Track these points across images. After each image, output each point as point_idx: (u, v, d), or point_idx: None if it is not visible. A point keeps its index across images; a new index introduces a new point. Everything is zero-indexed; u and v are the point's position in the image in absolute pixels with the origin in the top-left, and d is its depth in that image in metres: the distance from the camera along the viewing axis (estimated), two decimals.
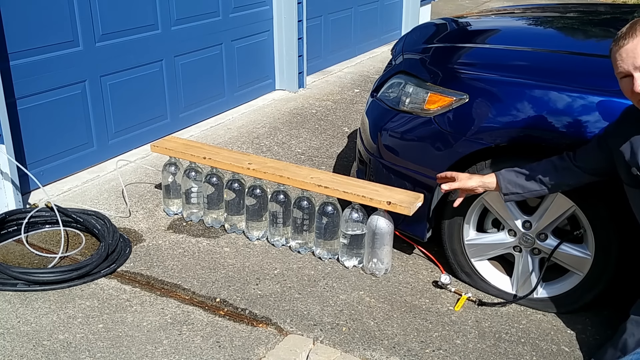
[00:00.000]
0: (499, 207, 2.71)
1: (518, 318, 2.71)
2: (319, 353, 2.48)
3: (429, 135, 2.81)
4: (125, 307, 2.73)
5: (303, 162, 4.30)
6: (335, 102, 5.65)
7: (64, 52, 3.80)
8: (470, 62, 3.03)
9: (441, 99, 2.79)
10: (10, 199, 3.41)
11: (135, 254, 3.15)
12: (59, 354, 2.43)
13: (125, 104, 4.29)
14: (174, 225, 3.46)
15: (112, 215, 3.51)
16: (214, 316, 2.68)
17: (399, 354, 2.48)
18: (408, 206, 2.80)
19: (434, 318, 2.71)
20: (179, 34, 4.64)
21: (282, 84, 5.92)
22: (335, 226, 3.06)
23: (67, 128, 3.92)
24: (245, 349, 2.48)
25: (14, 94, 3.54)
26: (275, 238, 3.24)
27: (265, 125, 5.02)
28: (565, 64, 2.89)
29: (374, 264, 2.99)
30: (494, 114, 2.62)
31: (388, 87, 3.15)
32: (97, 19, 3.96)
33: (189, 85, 4.81)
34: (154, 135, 4.39)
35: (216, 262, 3.10)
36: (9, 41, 3.47)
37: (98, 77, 4.06)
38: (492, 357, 2.48)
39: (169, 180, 3.48)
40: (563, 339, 2.59)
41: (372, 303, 2.81)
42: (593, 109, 2.44)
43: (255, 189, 3.22)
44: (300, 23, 5.71)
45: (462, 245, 2.86)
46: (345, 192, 2.96)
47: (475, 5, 11.04)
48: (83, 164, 4.08)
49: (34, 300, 2.75)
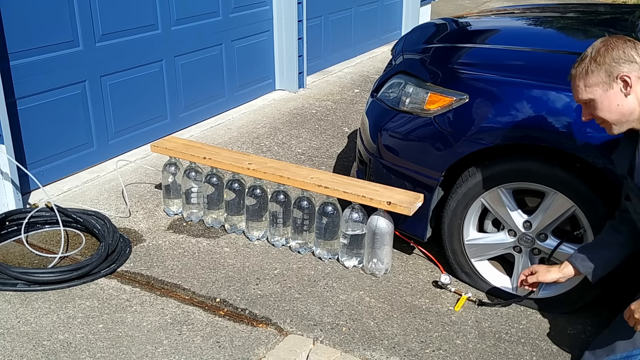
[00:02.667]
0: (499, 207, 2.71)
1: (518, 318, 2.71)
2: (319, 353, 2.48)
3: (429, 135, 2.81)
4: (125, 307, 2.73)
5: (303, 162, 4.30)
6: (335, 102, 5.65)
7: (64, 52, 3.80)
8: (470, 62, 3.03)
9: (441, 99, 2.79)
10: (10, 199, 3.41)
11: (135, 254, 3.15)
12: (59, 354, 2.43)
13: (125, 104, 4.29)
14: (174, 225, 3.46)
15: (112, 215, 3.51)
16: (214, 316, 2.69)
17: (399, 354, 2.48)
18: (408, 206, 2.80)
19: (434, 318, 2.71)
20: (179, 34, 4.64)
21: (282, 84, 5.92)
22: (335, 226, 3.06)
23: (67, 128, 3.92)
24: (245, 349, 2.48)
25: (14, 94, 3.54)
26: (275, 238, 3.24)
27: (265, 125, 5.02)
28: (565, 64, 2.88)
29: (374, 264, 2.99)
30: (493, 114, 2.62)
31: (388, 87, 3.15)
32: (97, 19, 3.96)
33: (189, 85, 4.81)
34: (154, 135, 4.38)
35: (216, 262, 3.10)
36: (9, 41, 3.47)
37: (98, 77, 4.06)
38: (492, 357, 2.48)
39: (169, 180, 3.48)
40: (563, 339, 2.59)
41: (372, 303, 2.81)
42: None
43: (255, 189, 3.22)
44: (300, 23, 5.71)
45: (462, 245, 2.86)
46: (345, 192, 2.96)
47: (475, 5, 11.04)
48: (83, 164, 4.08)
49: (34, 300, 2.75)
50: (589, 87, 2.07)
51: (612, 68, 2.03)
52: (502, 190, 2.67)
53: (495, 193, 2.68)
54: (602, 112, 2.09)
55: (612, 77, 2.03)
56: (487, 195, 2.71)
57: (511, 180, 2.64)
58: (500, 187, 2.67)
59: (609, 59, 2.03)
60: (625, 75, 2.02)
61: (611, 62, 2.02)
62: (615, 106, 2.06)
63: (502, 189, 2.67)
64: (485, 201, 2.74)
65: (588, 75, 2.06)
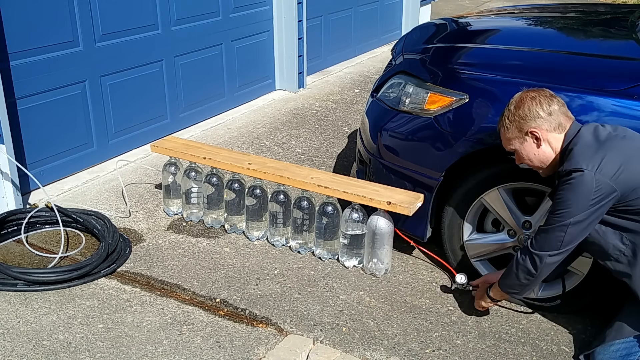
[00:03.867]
0: (499, 207, 2.71)
1: (518, 318, 2.71)
2: (319, 353, 2.48)
3: (429, 135, 2.81)
4: (125, 307, 2.73)
5: (303, 162, 4.30)
6: (335, 102, 5.65)
7: (64, 52, 3.80)
8: (470, 62, 3.03)
9: (441, 99, 2.79)
10: (10, 199, 3.41)
11: (135, 254, 3.15)
12: (59, 354, 2.43)
13: (125, 104, 4.29)
14: (174, 225, 3.46)
15: (112, 215, 3.51)
16: (214, 316, 2.68)
17: (399, 354, 2.48)
18: (408, 206, 2.80)
19: (434, 318, 2.71)
20: (179, 34, 4.64)
21: (282, 84, 5.92)
22: (335, 226, 3.06)
23: (67, 128, 3.92)
24: (245, 349, 2.48)
25: (14, 94, 3.54)
26: (275, 238, 3.24)
27: (265, 125, 5.02)
28: (565, 64, 2.89)
29: (374, 264, 2.99)
30: (493, 114, 2.62)
31: (388, 87, 3.15)
32: (97, 19, 3.96)
33: (189, 85, 4.81)
34: (154, 135, 4.38)
35: (216, 262, 3.10)
36: (9, 41, 3.47)
37: (98, 77, 4.06)
38: (492, 357, 2.48)
39: (169, 180, 3.48)
40: (563, 339, 2.59)
41: (372, 303, 2.81)
42: (592, 109, 2.45)
43: (255, 189, 3.22)
44: (300, 23, 5.71)
45: (462, 245, 2.86)
46: (345, 192, 2.96)
47: (475, 5, 11.04)
48: (83, 164, 4.08)
49: (34, 300, 2.75)
50: (508, 140, 2.37)
51: (522, 125, 2.30)
52: (502, 190, 2.67)
53: (495, 193, 2.68)
54: (525, 160, 2.37)
55: (523, 132, 2.31)
56: (487, 195, 2.71)
57: (511, 180, 2.64)
58: (500, 187, 2.67)
59: (517, 117, 2.30)
60: (533, 129, 2.28)
61: (519, 119, 2.30)
62: (533, 155, 2.33)
63: (502, 189, 2.67)
64: (485, 201, 2.74)
65: (506, 130, 2.36)
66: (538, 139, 2.29)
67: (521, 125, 2.30)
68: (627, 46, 3.11)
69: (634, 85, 2.46)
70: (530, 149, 2.32)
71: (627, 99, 2.44)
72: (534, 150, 2.32)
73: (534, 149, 2.32)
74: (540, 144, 2.30)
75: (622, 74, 2.65)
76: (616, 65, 2.79)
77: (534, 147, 2.31)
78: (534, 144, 2.31)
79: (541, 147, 2.30)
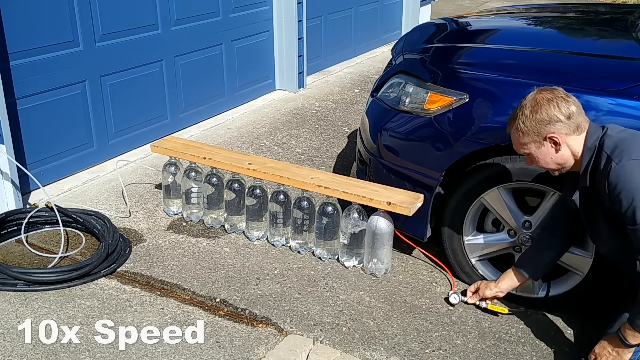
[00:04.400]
0: (499, 207, 2.71)
1: (518, 318, 2.71)
2: (319, 353, 2.48)
3: (429, 135, 2.81)
4: (125, 307, 2.73)
5: (303, 162, 4.30)
6: (335, 102, 5.65)
7: (64, 52, 3.80)
8: (470, 62, 3.03)
9: (441, 99, 2.78)
10: (10, 199, 3.41)
11: (135, 254, 3.15)
12: (59, 354, 2.43)
13: (125, 104, 4.29)
14: (174, 225, 3.46)
15: (112, 215, 3.51)
16: (214, 316, 2.68)
17: (399, 354, 2.48)
18: (408, 206, 2.80)
19: (434, 318, 2.71)
20: (179, 34, 4.64)
21: (282, 84, 5.92)
22: (335, 226, 3.06)
23: (67, 128, 3.92)
24: (245, 349, 2.48)
25: (14, 94, 3.54)
26: (275, 238, 3.24)
27: (265, 125, 5.02)
28: (565, 64, 2.89)
29: (374, 264, 2.99)
30: (493, 113, 2.62)
31: (388, 87, 3.15)
32: (97, 19, 3.96)
33: (189, 85, 4.81)
34: (154, 135, 4.38)
35: (216, 262, 3.10)
36: (9, 41, 3.47)
37: (98, 77, 4.06)
38: (492, 357, 2.48)
39: (169, 180, 3.48)
40: (563, 339, 2.59)
41: (372, 303, 2.80)
42: (592, 109, 2.44)
43: (255, 189, 3.22)
44: (300, 23, 5.71)
45: (462, 245, 2.86)
46: (345, 192, 2.96)
47: (475, 5, 11.04)
48: (83, 164, 4.08)
49: (34, 300, 2.75)
50: (523, 144, 2.27)
51: (539, 129, 2.20)
52: (502, 190, 2.67)
53: (495, 193, 2.68)
54: (540, 163, 2.29)
55: (541, 137, 2.21)
56: (487, 195, 2.71)
57: (511, 180, 2.64)
58: (500, 187, 2.67)
59: (534, 122, 2.19)
60: (552, 135, 2.19)
61: (536, 124, 2.19)
62: (550, 159, 2.25)
63: (502, 189, 2.67)
64: (485, 201, 2.74)
65: (521, 135, 2.24)
66: (557, 143, 2.20)
67: (539, 130, 2.20)
68: (627, 46, 3.11)
69: (634, 85, 2.46)
70: (547, 153, 2.24)
71: (627, 98, 2.44)
72: (552, 154, 2.23)
73: (552, 153, 2.23)
74: (559, 148, 2.21)
75: (622, 73, 2.65)
76: (616, 65, 2.79)
77: (552, 152, 2.23)
78: (552, 148, 2.22)
79: (560, 151, 2.22)
